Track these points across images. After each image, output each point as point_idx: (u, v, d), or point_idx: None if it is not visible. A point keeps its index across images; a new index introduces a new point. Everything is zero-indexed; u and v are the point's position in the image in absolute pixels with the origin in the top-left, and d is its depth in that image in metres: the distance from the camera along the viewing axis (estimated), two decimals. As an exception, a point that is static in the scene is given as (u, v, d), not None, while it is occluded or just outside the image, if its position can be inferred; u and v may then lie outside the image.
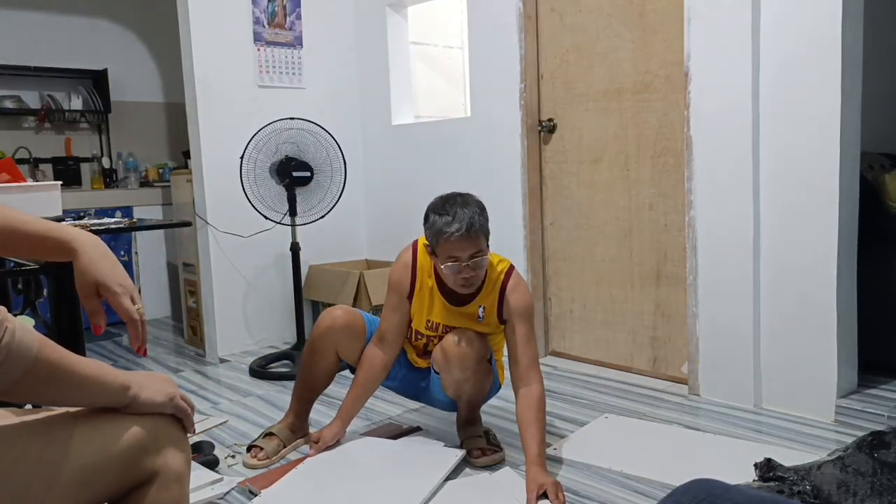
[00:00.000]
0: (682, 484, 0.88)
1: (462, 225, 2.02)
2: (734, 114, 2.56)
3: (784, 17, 2.45)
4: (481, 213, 2.09)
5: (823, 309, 2.45)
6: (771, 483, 1.83)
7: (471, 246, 2.04)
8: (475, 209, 2.07)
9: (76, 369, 0.94)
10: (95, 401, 1.00)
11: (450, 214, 2.04)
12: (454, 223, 2.02)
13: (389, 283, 2.27)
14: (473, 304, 2.20)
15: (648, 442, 2.35)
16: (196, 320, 3.95)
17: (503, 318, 2.20)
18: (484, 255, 2.09)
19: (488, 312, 2.20)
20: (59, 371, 0.92)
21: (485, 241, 2.10)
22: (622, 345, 3.16)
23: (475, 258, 2.06)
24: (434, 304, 2.22)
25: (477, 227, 2.05)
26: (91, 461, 0.98)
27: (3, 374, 0.85)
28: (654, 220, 2.99)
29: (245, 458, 2.29)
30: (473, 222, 2.04)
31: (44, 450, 0.94)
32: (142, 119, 5.19)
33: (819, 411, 2.47)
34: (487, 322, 2.21)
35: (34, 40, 4.69)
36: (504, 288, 2.19)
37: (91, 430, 1.00)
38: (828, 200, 2.41)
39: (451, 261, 2.06)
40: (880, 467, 1.81)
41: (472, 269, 2.07)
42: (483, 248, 2.08)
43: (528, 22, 3.27)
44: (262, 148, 3.28)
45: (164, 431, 1.06)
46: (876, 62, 3.00)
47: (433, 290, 2.21)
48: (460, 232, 2.01)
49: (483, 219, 2.09)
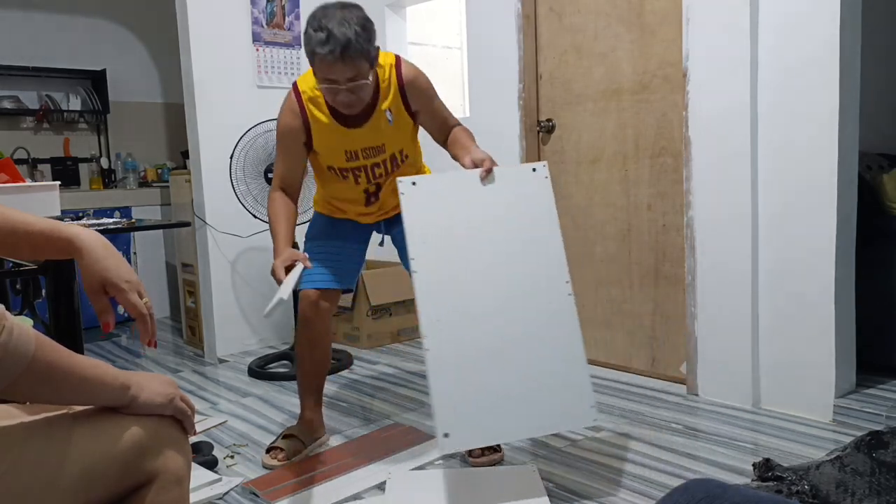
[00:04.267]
0: (681, 484, 0.88)
1: (336, 46, 1.80)
2: (733, 114, 2.57)
3: (782, 17, 2.45)
4: (364, 32, 1.84)
5: (821, 309, 2.45)
6: (769, 483, 1.83)
7: (347, 69, 1.85)
8: (355, 27, 1.82)
9: (74, 369, 0.95)
10: (94, 400, 1.00)
11: (324, 31, 1.81)
12: (328, 43, 1.81)
13: (278, 132, 2.14)
14: (378, 113, 2.07)
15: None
16: (195, 320, 3.95)
17: (412, 110, 2.12)
18: (363, 79, 1.89)
19: (396, 112, 2.09)
20: (56, 371, 0.92)
21: (366, 64, 1.88)
22: (621, 345, 3.16)
23: (354, 82, 1.89)
24: (339, 135, 2.10)
25: (354, 50, 1.82)
26: (90, 463, 0.98)
27: (1, 374, 0.85)
28: (653, 220, 2.99)
29: (265, 459, 2.29)
30: (350, 44, 1.81)
31: (43, 451, 0.94)
32: (140, 119, 5.19)
33: (817, 411, 2.48)
34: (399, 123, 2.11)
35: (33, 40, 4.69)
36: (401, 81, 2.07)
37: (90, 431, 1.00)
38: (826, 200, 2.41)
39: (328, 83, 1.90)
40: (878, 467, 1.82)
41: (350, 91, 1.91)
42: (362, 71, 1.88)
43: (526, 22, 3.27)
44: (251, 148, 3.27)
45: (163, 433, 1.06)
46: (874, 62, 3.00)
47: (332, 124, 2.09)
48: (335, 55, 1.81)
49: (363, 39, 1.84)
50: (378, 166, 2.19)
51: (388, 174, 2.22)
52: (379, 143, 2.14)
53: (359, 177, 2.21)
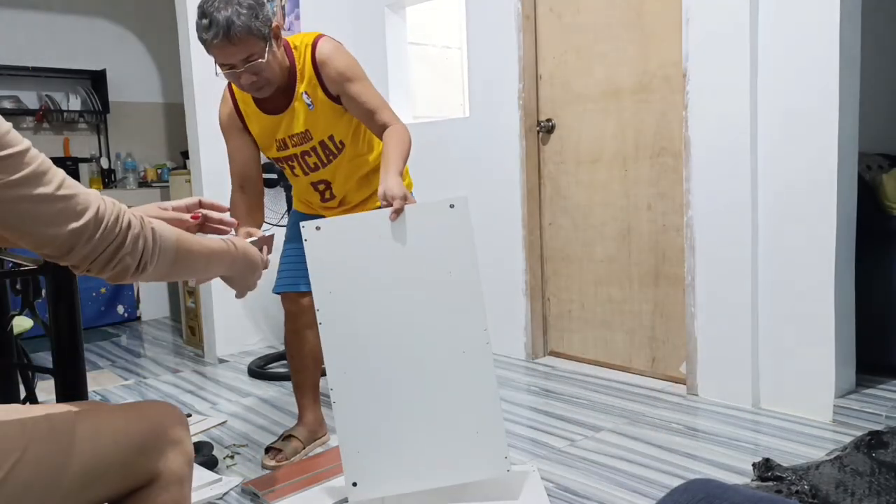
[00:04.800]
0: (681, 484, 0.88)
1: (219, 29, 1.77)
2: (732, 114, 2.57)
3: (782, 17, 2.45)
4: (248, 10, 1.80)
5: (821, 309, 2.45)
6: (769, 483, 1.83)
7: (237, 51, 1.81)
8: (237, 7, 1.78)
9: (204, 247, 1.09)
10: (220, 271, 1.18)
11: (207, 17, 1.78)
12: (211, 28, 1.77)
13: (220, 126, 2.12)
14: (297, 100, 2.02)
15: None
16: (195, 321, 3.95)
17: (332, 93, 2.01)
18: (259, 57, 1.84)
19: (313, 95, 2.02)
20: (195, 252, 1.06)
21: (259, 41, 1.83)
22: (621, 345, 3.17)
23: (249, 63, 1.84)
24: (266, 123, 2.07)
25: (238, 29, 1.78)
26: (92, 462, 0.98)
27: (159, 261, 0.98)
28: (653, 221, 2.99)
29: (263, 460, 2.29)
30: (232, 24, 1.76)
31: (45, 452, 0.94)
32: (140, 119, 5.19)
33: (817, 411, 2.48)
34: (321, 108, 2.03)
35: (33, 40, 4.69)
36: (314, 61, 1.99)
37: (92, 431, 1.00)
38: (826, 200, 2.41)
39: (226, 68, 1.86)
40: (878, 467, 1.82)
41: (252, 73, 1.86)
42: (256, 49, 1.83)
43: (526, 22, 3.27)
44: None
45: (165, 433, 1.06)
46: (874, 62, 3.00)
47: (256, 112, 2.05)
48: (218, 38, 1.78)
49: (248, 16, 1.79)
50: (308, 154, 2.12)
51: (325, 163, 2.14)
52: (302, 129, 2.07)
53: (294, 167, 2.16)
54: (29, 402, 2.29)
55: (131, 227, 0.94)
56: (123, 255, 0.93)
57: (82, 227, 0.89)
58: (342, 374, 1.82)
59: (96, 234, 0.90)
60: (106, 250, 0.91)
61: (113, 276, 0.95)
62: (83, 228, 0.89)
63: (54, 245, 0.88)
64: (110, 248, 0.92)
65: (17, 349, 2.17)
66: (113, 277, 0.96)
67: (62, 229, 0.88)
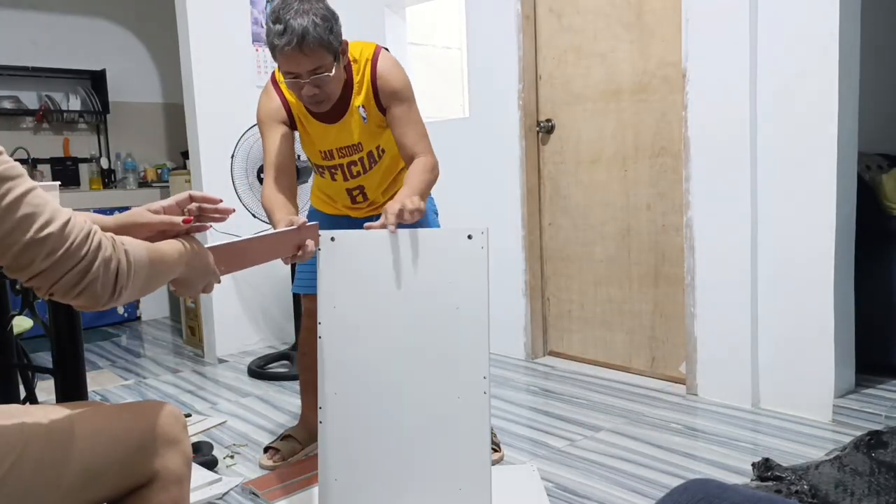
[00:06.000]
0: (681, 484, 0.88)
1: (293, 37, 1.76)
2: (732, 114, 2.57)
3: (781, 17, 2.45)
4: (323, 22, 1.79)
5: (821, 309, 2.45)
6: (769, 483, 1.83)
7: (307, 61, 1.80)
8: (313, 18, 1.77)
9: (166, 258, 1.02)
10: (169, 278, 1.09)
11: (282, 23, 1.77)
12: (285, 35, 1.76)
13: (259, 118, 2.08)
14: (351, 110, 2.01)
15: (647, 442, 2.34)
16: (194, 321, 3.95)
17: (383, 106, 2.00)
18: (326, 71, 1.84)
19: (369, 109, 2.01)
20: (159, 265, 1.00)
21: (328, 55, 1.83)
22: (620, 345, 3.17)
23: (316, 74, 1.84)
24: (316, 130, 2.06)
25: (312, 40, 1.77)
26: (91, 462, 0.98)
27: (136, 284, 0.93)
28: (652, 221, 2.99)
29: (261, 460, 2.29)
30: (307, 33, 1.76)
31: (44, 452, 0.95)
32: (140, 119, 5.19)
33: (817, 411, 2.48)
34: (373, 121, 2.03)
35: (32, 40, 4.69)
36: (374, 75, 1.98)
37: (91, 431, 1.00)
38: (825, 200, 2.41)
39: (290, 76, 1.86)
40: (878, 467, 1.82)
41: (315, 85, 1.86)
42: (325, 63, 1.83)
43: (526, 22, 3.27)
44: (253, 148, 3.27)
45: (164, 433, 1.06)
46: (873, 62, 3.00)
47: (308, 117, 2.04)
48: (291, 45, 1.77)
49: (323, 29, 1.79)
50: (354, 164, 2.13)
51: (366, 171, 2.15)
52: (354, 141, 2.07)
53: (335, 174, 2.16)
54: (29, 402, 2.29)
55: (101, 249, 0.87)
56: (91, 281, 0.86)
57: (42, 238, 0.82)
58: (332, 395, 1.75)
59: (59, 250, 0.83)
60: (71, 272, 0.85)
61: (81, 304, 0.88)
62: (43, 241, 0.82)
63: (10, 255, 0.82)
64: (76, 270, 0.85)
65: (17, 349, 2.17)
66: (82, 306, 0.89)
67: (19, 238, 0.81)
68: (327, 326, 1.75)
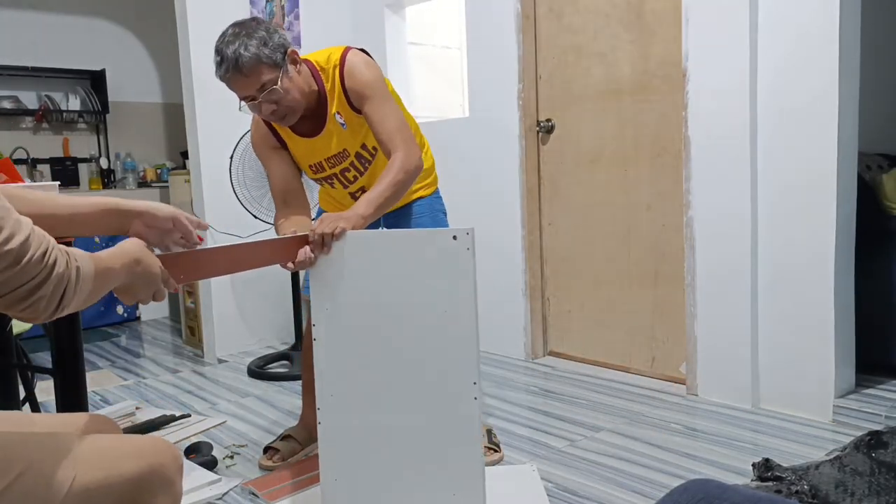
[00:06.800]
0: (681, 484, 0.88)
1: (229, 64, 1.82)
2: (732, 114, 2.57)
3: (781, 17, 2.45)
4: (256, 41, 1.83)
5: (821, 309, 2.45)
6: (769, 483, 1.83)
7: (250, 82, 1.85)
8: (244, 40, 1.82)
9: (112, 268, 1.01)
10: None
11: (219, 54, 1.85)
12: (223, 64, 1.84)
13: (254, 149, 2.13)
14: (330, 122, 2.01)
15: (647, 442, 2.34)
16: (194, 321, 3.95)
17: (356, 107, 2.00)
18: (272, 84, 1.85)
19: (345, 114, 2.01)
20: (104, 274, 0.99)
21: (270, 70, 1.85)
22: (620, 345, 3.16)
23: (264, 90, 1.86)
24: (301, 147, 2.08)
25: (246, 61, 1.81)
26: (90, 489, 0.98)
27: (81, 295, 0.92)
28: (652, 221, 2.99)
29: (261, 460, 2.29)
30: (239, 56, 1.81)
31: (47, 465, 0.95)
32: (140, 119, 5.19)
33: (817, 411, 2.48)
34: (352, 124, 2.02)
35: (32, 40, 4.69)
36: (342, 77, 1.98)
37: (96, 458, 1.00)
38: (825, 200, 2.41)
39: (247, 101, 1.90)
40: (878, 467, 1.82)
41: (269, 102, 1.88)
42: (268, 78, 1.85)
43: (525, 22, 3.27)
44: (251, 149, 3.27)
45: (161, 474, 1.05)
46: (873, 62, 3.00)
47: (291, 135, 2.06)
48: (229, 72, 1.84)
49: (256, 47, 1.82)
50: (348, 170, 2.14)
51: (362, 173, 2.14)
52: (339, 149, 2.08)
53: (333, 183, 2.17)
54: (29, 403, 2.29)
55: (56, 266, 0.86)
56: (40, 297, 0.85)
57: (1, 254, 0.81)
58: (328, 396, 1.74)
59: (15, 266, 0.82)
60: (22, 287, 0.83)
61: (22, 316, 0.87)
62: (2, 256, 0.81)
63: None
64: (28, 285, 0.84)
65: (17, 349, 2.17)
66: (22, 318, 0.88)
67: None
68: (320, 328, 1.75)
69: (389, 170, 1.88)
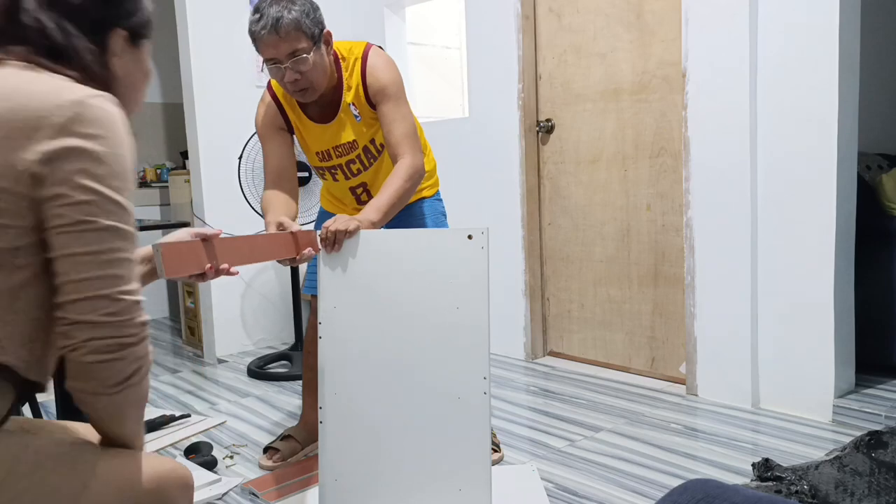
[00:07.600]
0: (680, 484, 0.88)
1: (268, 20, 1.84)
2: (732, 114, 2.57)
3: (781, 17, 2.45)
4: (297, 8, 1.87)
5: (821, 309, 2.45)
6: (769, 483, 1.83)
7: (283, 45, 1.86)
8: (288, 4, 1.86)
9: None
10: None
11: (259, 11, 1.86)
12: (261, 20, 1.85)
13: (257, 125, 2.13)
14: (343, 111, 2.04)
15: (646, 442, 2.34)
16: (194, 321, 3.95)
17: (373, 103, 2.02)
18: (304, 53, 1.88)
19: (360, 107, 2.04)
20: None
21: (305, 39, 1.88)
22: (620, 345, 3.17)
23: (294, 58, 1.87)
24: (311, 132, 2.10)
25: (287, 23, 1.84)
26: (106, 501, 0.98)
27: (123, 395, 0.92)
28: (652, 221, 2.99)
29: (261, 460, 2.29)
30: (281, 17, 1.84)
31: (64, 479, 0.95)
32: (139, 119, 5.19)
33: (816, 411, 2.48)
34: (366, 118, 2.05)
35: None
36: (364, 72, 2.01)
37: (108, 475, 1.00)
38: (825, 200, 2.41)
39: (271, 63, 1.90)
40: (878, 467, 1.82)
41: (294, 70, 1.89)
42: (301, 46, 1.87)
43: (525, 22, 3.27)
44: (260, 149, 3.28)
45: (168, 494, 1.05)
46: (873, 63, 3.00)
47: (302, 119, 2.09)
48: (266, 29, 1.84)
49: (299, 13, 1.86)
50: (353, 162, 2.15)
51: (366, 168, 2.16)
52: (349, 139, 2.09)
53: (336, 174, 2.18)
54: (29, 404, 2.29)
55: (146, 340, 0.91)
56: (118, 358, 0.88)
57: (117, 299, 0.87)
58: (333, 395, 1.75)
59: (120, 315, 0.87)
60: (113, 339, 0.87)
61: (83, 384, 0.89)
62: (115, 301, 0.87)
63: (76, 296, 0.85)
64: (116, 341, 0.87)
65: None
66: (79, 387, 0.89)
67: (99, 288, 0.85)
68: (327, 326, 1.75)
69: (395, 177, 1.91)
